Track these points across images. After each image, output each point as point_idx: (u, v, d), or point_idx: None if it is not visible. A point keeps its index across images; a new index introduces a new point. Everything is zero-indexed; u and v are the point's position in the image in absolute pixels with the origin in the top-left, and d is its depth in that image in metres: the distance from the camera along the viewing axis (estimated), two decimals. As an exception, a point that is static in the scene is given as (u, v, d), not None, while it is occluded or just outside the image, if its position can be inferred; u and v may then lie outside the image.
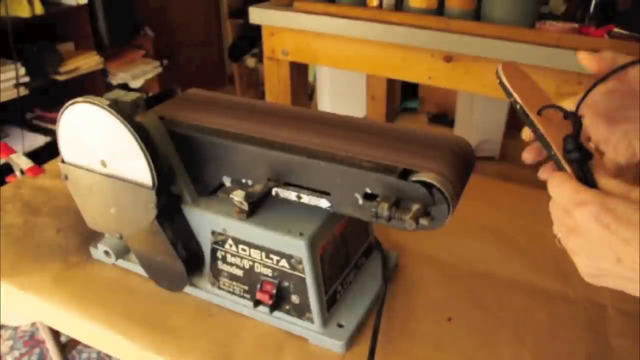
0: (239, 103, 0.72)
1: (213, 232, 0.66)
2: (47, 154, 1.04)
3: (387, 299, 0.70)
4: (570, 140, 0.42)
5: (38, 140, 2.21)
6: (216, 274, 0.69)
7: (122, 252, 0.73)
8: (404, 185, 0.53)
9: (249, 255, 0.65)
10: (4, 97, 2.00)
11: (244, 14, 1.85)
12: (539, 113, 0.46)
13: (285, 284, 0.64)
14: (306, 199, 0.60)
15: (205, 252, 0.69)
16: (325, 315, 0.64)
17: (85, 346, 1.50)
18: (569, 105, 0.46)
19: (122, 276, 0.76)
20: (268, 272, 0.64)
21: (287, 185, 0.61)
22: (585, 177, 0.42)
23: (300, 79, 1.66)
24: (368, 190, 0.55)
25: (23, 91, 2.06)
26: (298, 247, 0.60)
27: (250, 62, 2.89)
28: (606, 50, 0.50)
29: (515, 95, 0.47)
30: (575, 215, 0.41)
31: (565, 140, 0.43)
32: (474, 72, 1.24)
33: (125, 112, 0.60)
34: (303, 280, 0.62)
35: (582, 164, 0.42)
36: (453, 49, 1.26)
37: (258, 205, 0.63)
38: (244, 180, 0.64)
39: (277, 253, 0.62)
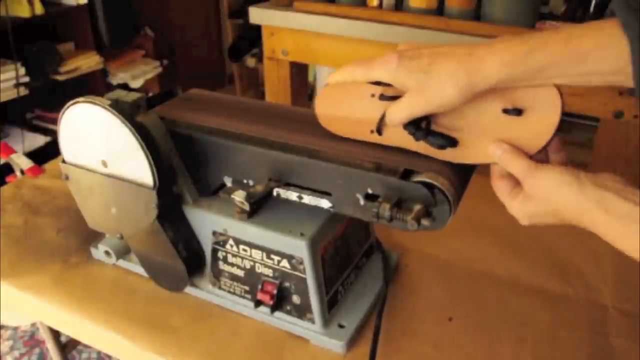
0: (240, 103, 0.72)
1: (214, 233, 0.66)
2: (47, 154, 1.05)
3: (388, 299, 0.70)
4: (409, 125, 0.52)
5: (38, 140, 2.21)
6: (217, 274, 0.69)
7: (123, 252, 0.73)
8: (405, 186, 0.53)
9: (250, 256, 0.64)
10: (4, 97, 2.00)
11: (244, 14, 1.85)
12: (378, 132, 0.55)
13: (286, 284, 0.64)
14: (307, 199, 0.60)
15: (206, 252, 0.69)
16: (326, 316, 0.64)
17: (85, 346, 1.50)
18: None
19: (122, 276, 0.76)
20: (269, 272, 0.64)
21: (288, 185, 0.61)
22: (441, 145, 0.52)
23: (300, 79, 1.66)
24: (369, 191, 0.55)
25: (23, 91, 2.06)
26: (299, 248, 0.60)
27: (250, 62, 2.88)
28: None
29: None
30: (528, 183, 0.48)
31: (407, 126, 0.52)
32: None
33: (126, 112, 0.60)
34: (304, 280, 0.62)
35: (419, 128, 0.52)
36: (453, 49, 1.25)
37: (259, 206, 0.63)
38: (245, 181, 0.64)
39: (278, 253, 0.62)
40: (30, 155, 1.07)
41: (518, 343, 0.65)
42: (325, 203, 0.59)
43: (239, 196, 0.60)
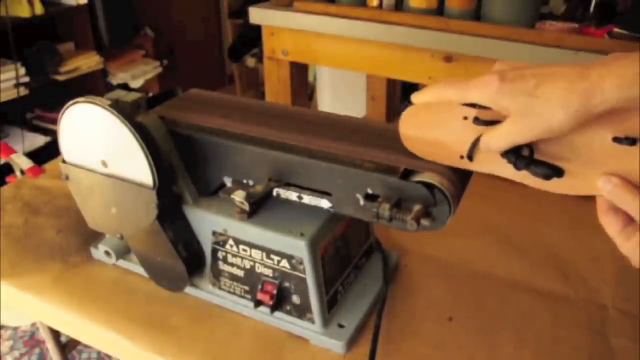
0: (240, 103, 0.72)
1: (214, 233, 0.66)
2: (47, 154, 1.04)
3: (387, 299, 0.70)
4: (509, 153, 0.47)
5: (38, 140, 2.21)
6: (217, 274, 0.69)
7: (123, 253, 0.73)
8: (405, 186, 0.53)
9: (250, 256, 0.65)
10: (4, 97, 2.00)
11: (244, 14, 1.85)
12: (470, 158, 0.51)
13: (286, 284, 0.64)
14: (307, 199, 0.60)
15: (205, 252, 0.69)
16: (326, 316, 0.64)
17: (85, 346, 1.50)
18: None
19: (122, 276, 0.76)
20: (269, 272, 0.64)
21: (288, 185, 0.61)
22: (546, 175, 0.47)
23: (300, 79, 1.66)
24: (369, 191, 0.55)
25: (23, 91, 2.06)
26: (299, 248, 0.60)
27: (250, 62, 2.89)
28: None
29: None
30: None
31: (506, 154, 0.48)
32: (474, 72, 1.24)
33: (126, 112, 0.60)
34: (304, 280, 0.62)
35: (520, 156, 0.47)
36: (453, 49, 1.26)
37: (259, 206, 0.63)
38: (245, 181, 0.64)
39: (277, 253, 0.62)
40: (30, 155, 1.07)
41: (518, 343, 0.65)
42: (325, 203, 0.59)
43: (238, 196, 0.60)
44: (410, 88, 2.35)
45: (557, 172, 0.47)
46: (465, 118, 0.50)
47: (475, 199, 0.69)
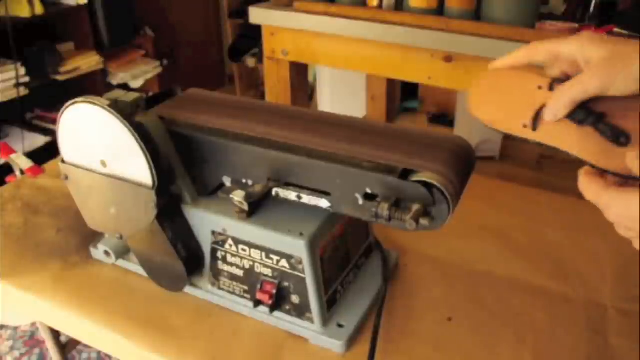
0: (239, 103, 0.72)
1: (213, 232, 0.66)
2: (47, 154, 1.04)
3: (387, 298, 0.70)
4: (578, 110, 0.45)
5: (38, 140, 2.21)
6: (216, 274, 0.69)
7: (122, 252, 0.73)
8: (404, 185, 0.53)
9: (249, 255, 0.65)
10: (4, 97, 2.00)
11: (244, 14, 1.85)
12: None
13: (286, 284, 0.64)
14: (306, 199, 0.60)
15: (205, 252, 0.69)
16: (326, 315, 0.64)
17: (85, 346, 1.50)
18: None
19: (122, 276, 0.76)
20: (268, 272, 0.64)
21: (287, 185, 0.61)
22: (613, 133, 0.44)
23: (300, 79, 1.66)
24: (368, 190, 0.55)
25: (23, 91, 2.06)
26: (298, 247, 0.60)
27: (250, 62, 2.88)
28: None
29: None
30: None
31: (575, 112, 0.45)
32: (474, 72, 1.24)
33: (126, 112, 0.60)
34: (303, 280, 0.62)
35: (590, 113, 0.45)
36: (453, 49, 1.26)
37: (258, 205, 0.63)
38: (244, 180, 0.64)
39: (277, 253, 0.62)
40: (30, 155, 1.07)
41: (517, 343, 0.65)
42: (324, 203, 0.59)
43: (238, 196, 0.60)
44: (410, 88, 2.35)
45: (625, 136, 0.44)
46: (540, 87, 0.48)
47: (474, 199, 0.69)
